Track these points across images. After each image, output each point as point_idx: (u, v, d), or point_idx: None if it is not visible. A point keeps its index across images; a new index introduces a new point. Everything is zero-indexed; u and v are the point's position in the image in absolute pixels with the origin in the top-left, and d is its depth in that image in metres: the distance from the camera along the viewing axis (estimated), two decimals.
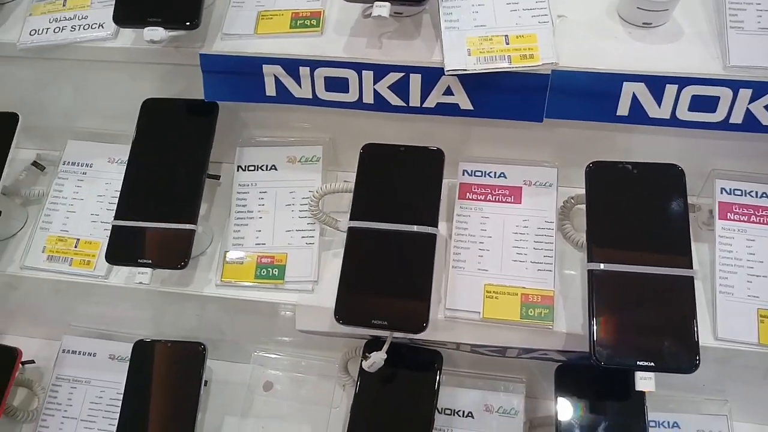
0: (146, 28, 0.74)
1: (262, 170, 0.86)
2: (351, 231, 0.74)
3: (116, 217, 0.80)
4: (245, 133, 0.88)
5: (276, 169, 0.86)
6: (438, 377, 0.80)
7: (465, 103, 0.76)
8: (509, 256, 0.77)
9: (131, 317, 0.91)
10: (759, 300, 0.74)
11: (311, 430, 0.88)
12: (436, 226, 0.73)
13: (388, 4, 0.71)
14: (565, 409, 0.77)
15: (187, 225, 0.78)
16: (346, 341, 0.85)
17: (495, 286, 0.76)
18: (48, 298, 0.91)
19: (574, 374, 0.79)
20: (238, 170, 0.86)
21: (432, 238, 0.73)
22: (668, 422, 0.82)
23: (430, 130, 0.81)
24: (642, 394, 0.76)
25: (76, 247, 0.86)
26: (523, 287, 0.76)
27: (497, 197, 0.81)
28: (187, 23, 0.74)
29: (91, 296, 0.88)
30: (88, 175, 0.90)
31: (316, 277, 0.80)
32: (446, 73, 0.72)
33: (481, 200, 0.81)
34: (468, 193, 0.81)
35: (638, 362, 0.67)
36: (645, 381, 0.67)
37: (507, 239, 0.78)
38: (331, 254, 0.82)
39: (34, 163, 0.94)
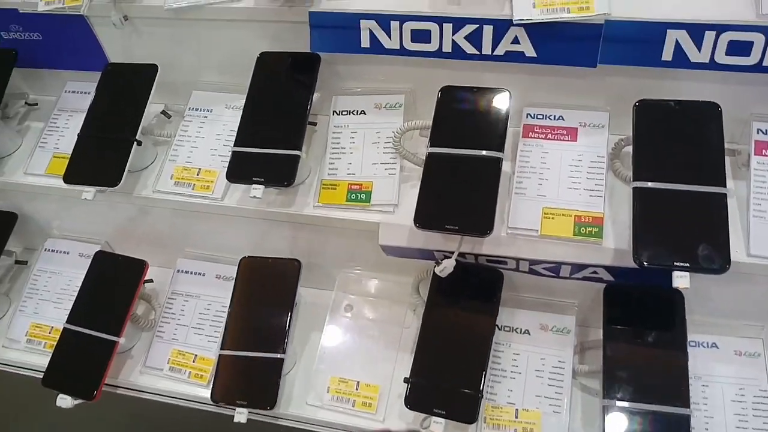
0: None
1: (353, 114, 1.00)
2: (429, 155, 0.87)
3: (235, 144, 0.95)
4: (340, 84, 1.03)
5: (365, 113, 1.00)
6: (499, 295, 0.91)
7: (529, 51, 0.88)
8: (565, 185, 0.88)
9: (236, 244, 1.06)
10: None
11: (384, 346, 1.00)
12: (502, 152, 0.85)
13: None
14: (612, 327, 0.87)
15: (293, 151, 0.93)
16: (418, 266, 0.97)
17: (552, 209, 0.87)
18: (170, 221, 1.08)
19: (621, 294, 0.89)
20: (333, 114, 1.01)
21: (498, 161, 0.85)
22: (707, 343, 0.90)
23: (497, 80, 0.93)
24: (683, 316, 0.86)
25: (198, 175, 1.02)
26: (576, 210, 0.87)
27: (556, 136, 0.92)
28: None
29: (208, 218, 1.03)
30: (209, 118, 1.06)
31: (396, 201, 0.93)
32: (514, 22, 0.84)
33: (541, 138, 0.92)
34: (530, 133, 0.93)
35: (675, 263, 0.76)
36: (681, 279, 0.76)
37: (563, 171, 0.89)
38: (409, 185, 0.95)
39: (162, 112, 1.11)
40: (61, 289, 1.12)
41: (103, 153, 1.01)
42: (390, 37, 0.92)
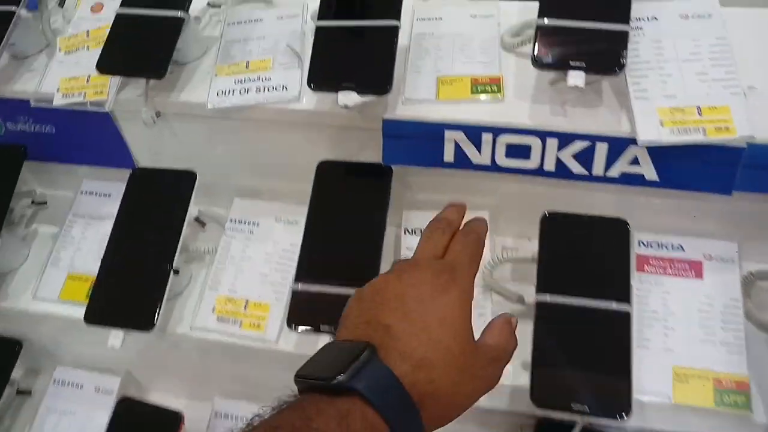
0: (340, 93, 0.76)
1: None
2: (540, 306, 0.73)
3: (297, 279, 0.80)
4: (408, 195, 0.88)
5: None
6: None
7: (650, 174, 0.74)
8: (697, 337, 0.74)
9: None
10: None
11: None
12: (630, 302, 0.71)
13: (582, 73, 0.71)
14: None
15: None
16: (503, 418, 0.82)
17: (684, 369, 0.72)
18: (208, 357, 0.92)
19: None
20: (405, 234, 0.86)
21: (626, 317, 0.70)
22: None
23: (604, 201, 0.80)
24: None
25: (245, 309, 0.86)
26: (714, 370, 0.72)
27: (677, 271, 0.78)
28: (380, 89, 0.76)
29: (256, 356, 0.87)
30: (256, 234, 0.91)
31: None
32: (639, 144, 0.71)
33: (660, 273, 0.78)
34: (646, 266, 0.78)
35: None
36: None
37: (692, 318, 0.75)
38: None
39: (197, 219, 0.95)
40: None
41: (132, 284, 0.84)
42: (480, 152, 0.78)
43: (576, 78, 0.71)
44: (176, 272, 0.85)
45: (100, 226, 0.95)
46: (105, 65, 0.85)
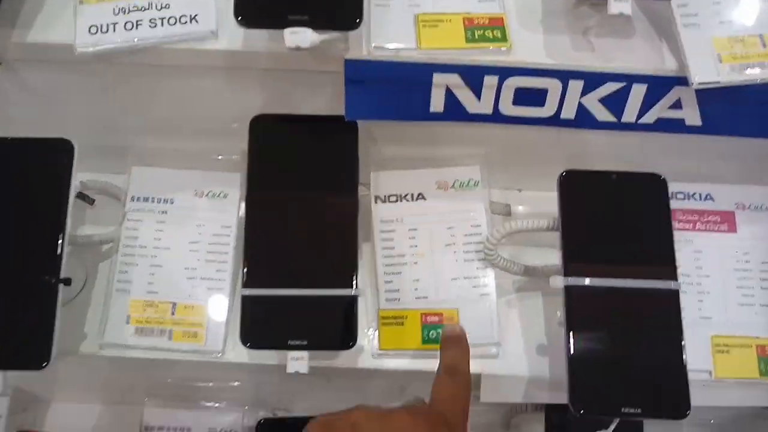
0: (288, 30, 0.50)
1: (407, 200, 0.65)
2: (571, 291, 0.56)
3: (245, 285, 0.58)
4: (374, 151, 0.66)
5: (424, 198, 0.65)
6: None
7: (693, 119, 0.58)
8: (734, 300, 0.62)
9: (242, 384, 0.71)
10: None
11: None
12: (677, 279, 0.57)
13: None
14: None
15: (345, 290, 0.57)
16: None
17: (724, 338, 0.61)
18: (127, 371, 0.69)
19: None
20: (376, 202, 0.65)
21: (674, 296, 0.56)
22: None
23: (627, 148, 0.63)
24: None
25: (173, 314, 0.63)
26: (756, 337, 0.61)
27: (707, 225, 0.64)
28: (347, 23, 0.51)
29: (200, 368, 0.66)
30: (171, 213, 0.65)
31: (498, 337, 0.62)
32: (694, 85, 0.53)
33: (689, 230, 0.64)
34: (674, 221, 0.64)
35: None
36: None
37: (728, 279, 0.63)
38: (504, 302, 0.64)
39: (80, 195, 0.68)
40: None
41: (7, 306, 0.58)
42: (479, 99, 0.57)
43: (620, 4, 0.50)
44: (67, 283, 0.59)
45: None
46: None
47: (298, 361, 0.56)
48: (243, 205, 0.63)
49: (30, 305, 0.58)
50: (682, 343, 0.55)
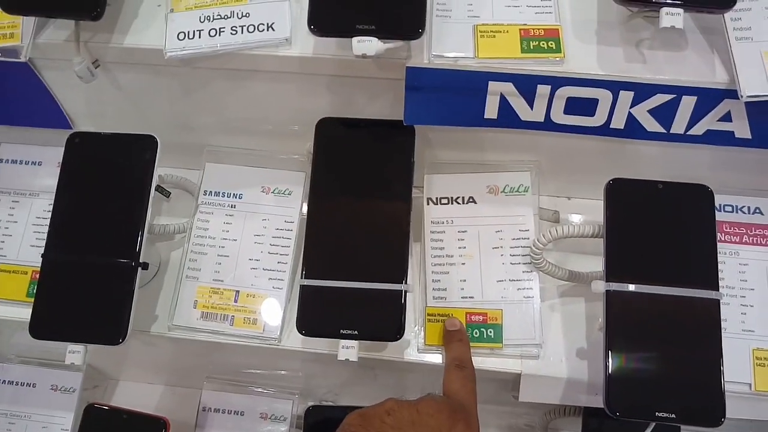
0: (355, 38, 0.55)
1: (458, 204, 0.68)
2: (612, 296, 0.57)
3: (304, 275, 0.61)
4: (428, 154, 0.69)
5: (474, 201, 0.68)
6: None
7: (742, 131, 0.59)
8: None
9: (294, 373, 0.74)
10: None
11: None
12: (719, 288, 0.57)
13: (681, 11, 0.53)
14: None
15: (395, 285, 0.60)
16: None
17: (765, 351, 0.61)
18: (190, 354, 0.74)
19: None
20: (428, 204, 0.68)
21: (715, 305, 0.57)
22: None
23: (674, 160, 0.64)
24: None
25: (236, 301, 0.67)
26: None
27: (754, 239, 0.65)
28: (409, 33, 0.55)
29: (256, 354, 0.70)
30: (239, 208, 0.70)
31: (539, 339, 0.63)
32: (744, 98, 0.54)
33: (735, 242, 0.65)
34: (720, 234, 0.65)
35: None
36: None
37: None
38: (547, 305, 0.66)
39: (158, 188, 0.73)
40: None
41: (88, 284, 0.63)
42: (532, 107, 0.60)
43: (672, 17, 0.52)
44: (145, 267, 0.64)
45: (32, 204, 0.73)
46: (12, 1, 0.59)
47: (348, 349, 0.60)
48: (305, 202, 0.67)
49: (111, 286, 0.63)
50: (720, 351, 0.56)
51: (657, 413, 0.55)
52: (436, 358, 0.63)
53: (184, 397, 0.81)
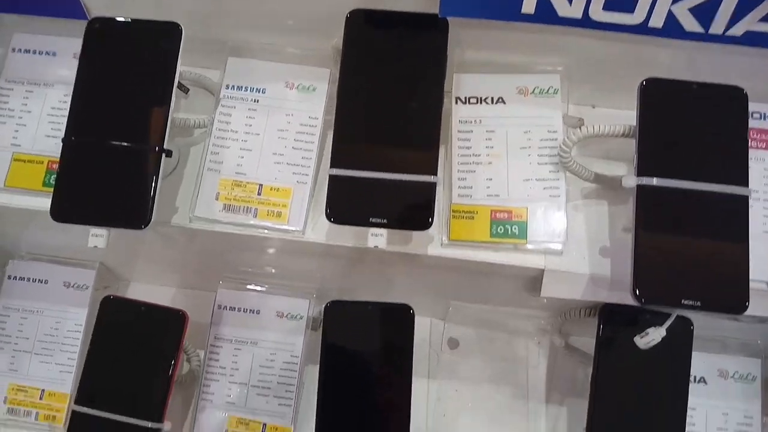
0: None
1: (487, 104, 0.66)
2: (642, 190, 0.57)
3: (333, 165, 0.60)
4: (458, 54, 0.67)
5: (503, 102, 0.66)
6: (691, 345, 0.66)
7: None
8: None
9: (311, 273, 0.74)
10: None
11: (511, 393, 0.75)
12: (748, 185, 0.57)
13: None
14: None
15: (426, 176, 0.59)
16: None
17: None
18: (208, 248, 0.73)
19: None
20: (456, 103, 0.66)
21: (744, 201, 0.57)
22: None
23: (711, 64, 0.63)
24: None
25: (259, 194, 0.66)
26: None
27: None
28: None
29: (276, 249, 0.69)
30: (262, 102, 0.68)
31: (564, 236, 0.63)
32: None
33: (762, 148, 0.64)
34: (751, 141, 0.63)
35: None
36: None
37: None
38: (571, 206, 0.65)
39: (177, 84, 0.71)
40: (45, 335, 0.76)
41: (111, 169, 0.61)
42: (571, 2, 0.58)
43: None
44: (168, 154, 0.63)
45: (47, 94, 0.70)
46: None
47: (377, 237, 0.59)
48: (328, 98, 0.65)
49: (134, 171, 0.61)
50: (747, 245, 0.56)
51: (683, 300, 0.56)
52: (460, 252, 0.63)
53: (197, 298, 0.80)
